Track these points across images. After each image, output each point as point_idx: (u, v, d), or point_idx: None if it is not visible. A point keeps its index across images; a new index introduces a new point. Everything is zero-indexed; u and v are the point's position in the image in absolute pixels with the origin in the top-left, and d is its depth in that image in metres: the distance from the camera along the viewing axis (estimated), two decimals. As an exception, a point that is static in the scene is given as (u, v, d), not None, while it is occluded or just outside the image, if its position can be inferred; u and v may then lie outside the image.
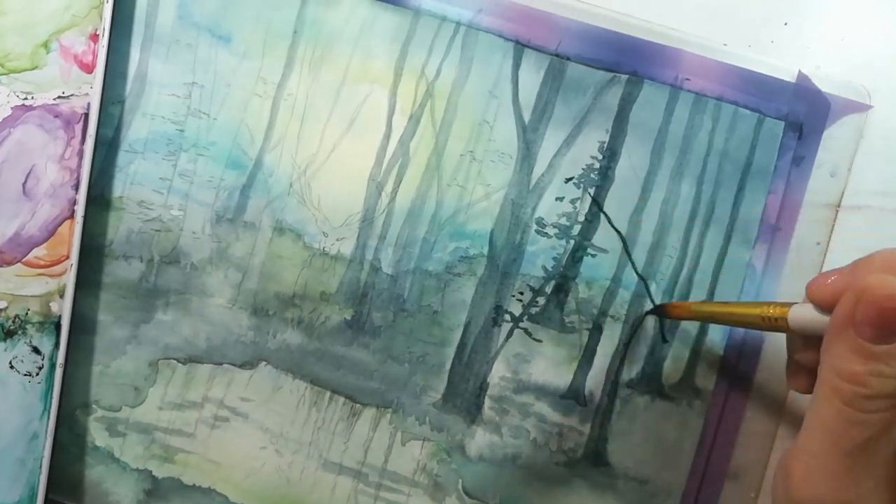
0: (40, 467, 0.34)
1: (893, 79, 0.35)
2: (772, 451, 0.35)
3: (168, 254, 0.35)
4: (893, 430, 0.22)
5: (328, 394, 0.35)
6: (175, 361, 0.35)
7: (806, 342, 0.29)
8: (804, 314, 0.26)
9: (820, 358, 0.24)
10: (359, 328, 0.35)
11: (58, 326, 0.34)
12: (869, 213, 0.35)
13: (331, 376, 0.35)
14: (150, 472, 0.36)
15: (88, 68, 0.34)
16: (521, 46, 0.35)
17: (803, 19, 0.35)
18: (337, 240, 0.35)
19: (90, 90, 0.34)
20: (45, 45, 0.33)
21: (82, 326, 0.35)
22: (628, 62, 0.35)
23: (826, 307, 0.25)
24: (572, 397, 0.35)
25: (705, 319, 0.33)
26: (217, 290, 0.35)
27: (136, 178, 0.35)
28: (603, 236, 0.35)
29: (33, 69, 0.33)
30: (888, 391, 0.22)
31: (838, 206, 0.35)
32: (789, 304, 0.27)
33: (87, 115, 0.34)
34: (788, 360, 0.31)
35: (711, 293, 0.35)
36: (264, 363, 0.35)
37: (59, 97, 0.34)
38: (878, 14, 0.35)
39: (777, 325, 0.27)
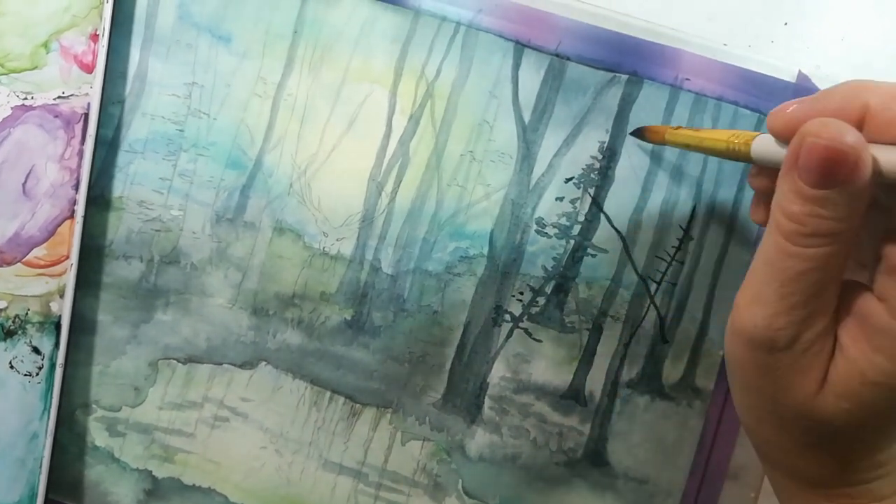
0: (40, 467, 0.34)
1: (894, 79, 0.35)
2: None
3: (168, 254, 0.35)
4: (829, 266, 0.22)
5: (328, 394, 0.35)
6: (175, 361, 0.35)
7: (767, 172, 0.28)
8: (766, 145, 0.25)
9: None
10: (359, 328, 0.35)
11: (58, 326, 0.34)
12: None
13: (331, 376, 0.35)
14: (150, 472, 0.36)
15: (88, 68, 0.34)
16: (521, 46, 0.35)
17: (803, 19, 0.35)
18: (337, 240, 0.35)
19: (90, 90, 0.34)
20: (45, 45, 0.33)
21: (82, 326, 0.35)
22: (628, 62, 0.35)
23: (782, 139, 0.24)
24: (572, 397, 0.35)
25: (678, 145, 0.33)
26: (217, 290, 0.35)
27: (136, 178, 0.35)
28: (603, 236, 0.35)
29: (33, 69, 0.34)
30: (823, 231, 0.22)
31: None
32: (755, 134, 0.27)
33: (86, 115, 0.34)
34: (754, 192, 0.31)
35: (711, 293, 0.35)
36: (264, 363, 0.35)
37: (59, 97, 0.34)
38: (878, 14, 0.35)
39: (741, 154, 0.27)
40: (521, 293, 0.35)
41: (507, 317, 0.35)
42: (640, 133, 0.34)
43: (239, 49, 0.35)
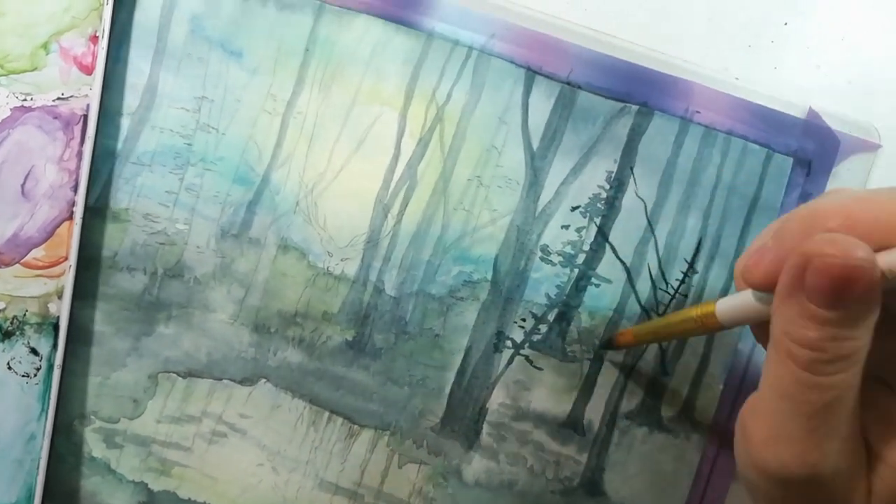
0: (37, 468, 0.34)
1: (894, 80, 0.35)
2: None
3: (172, 267, 0.35)
4: (853, 387, 0.21)
5: (327, 414, 0.35)
6: (175, 375, 0.35)
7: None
8: (732, 305, 0.25)
9: (772, 319, 0.22)
10: (360, 349, 0.35)
11: (56, 328, 0.34)
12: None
13: (330, 396, 0.35)
14: (146, 484, 0.36)
15: (88, 70, 0.34)
16: (532, 73, 0.35)
17: (803, 19, 0.35)
18: (341, 260, 0.35)
19: (90, 92, 0.34)
20: (45, 46, 0.33)
21: (83, 337, 0.35)
22: (639, 93, 0.34)
23: (765, 289, 0.23)
24: (571, 426, 0.35)
25: (649, 341, 0.33)
26: (219, 305, 0.35)
27: (142, 191, 0.35)
28: (607, 266, 0.35)
29: (33, 70, 0.33)
30: (846, 353, 0.21)
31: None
32: (714, 301, 0.26)
33: (86, 117, 0.34)
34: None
35: (713, 327, 0.35)
36: (264, 380, 0.35)
37: (59, 99, 0.34)
38: (878, 14, 0.35)
39: (710, 324, 0.26)
40: (524, 320, 0.35)
41: (509, 343, 0.35)
42: (608, 343, 0.34)
43: (250, 65, 0.35)
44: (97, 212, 0.35)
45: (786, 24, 0.35)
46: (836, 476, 0.22)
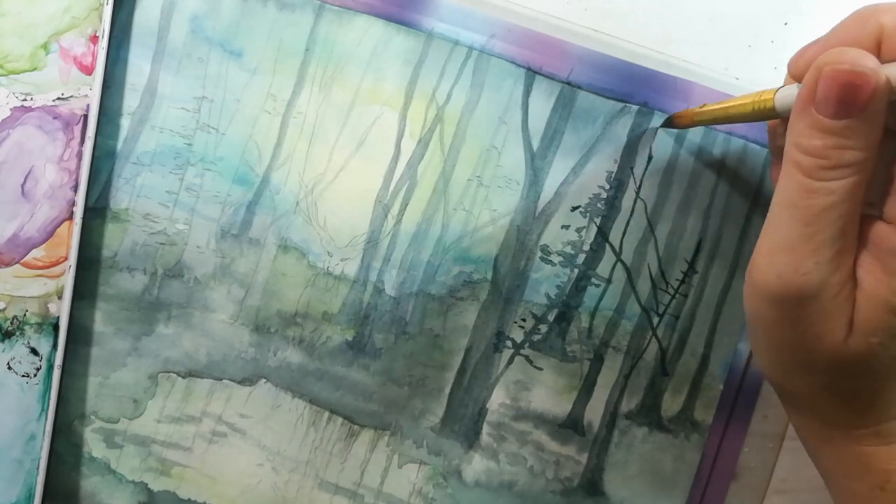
0: (37, 468, 0.34)
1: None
2: (768, 488, 0.35)
3: (172, 267, 0.35)
4: (852, 199, 0.22)
5: (327, 414, 0.35)
6: (175, 375, 0.35)
7: None
8: (789, 95, 0.25)
9: (787, 134, 0.23)
10: (360, 349, 0.35)
11: (56, 328, 0.34)
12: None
13: (330, 396, 0.35)
14: (146, 484, 0.36)
15: (88, 70, 0.34)
16: (532, 73, 0.35)
17: (803, 19, 0.35)
18: (341, 260, 0.35)
19: (90, 92, 0.34)
20: (45, 46, 0.33)
21: (83, 337, 0.35)
22: (639, 93, 0.34)
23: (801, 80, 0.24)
24: (571, 426, 0.35)
25: (707, 122, 0.32)
26: (219, 305, 0.35)
27: (142, 191, 0.35)
28: (607, 266, 0.35)
29: (33, 70, 0.33)
30: (847, 160, 0.22)
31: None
32: (774, 89, 0.26)
33: (86, 117, 0.34)
34: (774, 152, 0.31)
35: (714, 327, 0.35)
36: (264, 380, 0.35)
37: (59, 99, 0.34)
38: None
39: (767, 110, 0.27)
40: (524, 320, 0.35)
41: (509, 343, 0.35)
42: (669, 122, 0.34)
43: (250, 65, 0.35)
44: (97, 212, 0.35)
45: (786, 24, 0.35)
46: (825, 294, 0.22)
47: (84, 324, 0.35)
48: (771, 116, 0.27)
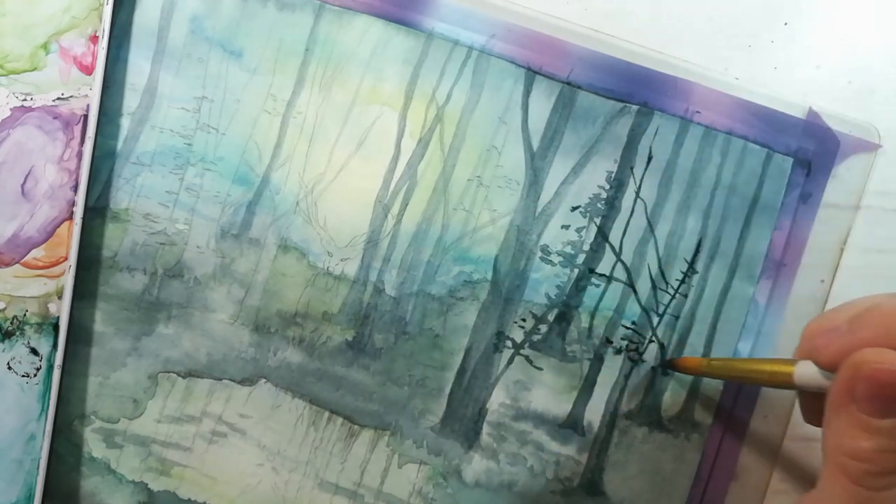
0: (37, 468, 0.34)
1: (894, 80, 0.35)
2: (768, 488, 0.35)
3: (172, 267, 0.35)
4: None
5: (327, 414, 0.35)
6: (175, 375, 0.35)
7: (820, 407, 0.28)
8: (809, 374, 0.26)
9: (822, 432, 0.23)
10: (360, 349, 0.35)
11: (56, 328, 0.34)
12: (875, 260, 0.35)
13: (330, 396, 0.35)
14: (146, 484, 0.36)
15: (88, 70, 0.34)
16: (532, 73, 0.35)
17: (803, 19, 0.35)
18: (341, 260, 0.35)
19: (90, 92, 0.34)
20: (45, 46, 0.33)
21: (83, 337, 0.35)
22: (639, 93, 0.34)
23: (828, 369, 0.25)
24: (571, 426, 0.35)
25: (713, 376, 0.33)
26: (219, 305, 0.35)
27: (142, 191, 0.35)
28: (607, 266, 0.35)
29: (33, 70, 0.33)
30: (894, 466, 0.21)
31: (844, 243, 0.35)
32: (794, 362, 0.27)
33: (86, 117, 0.34)
34: (800, 397, 0.31)
35: (713, 327, 0.35)
36: (264, 380, 0.35)
37: (59, 99, 0.34)
38: (878, 14, 0.35)
39: (784, 382, 0.27)
40: (524, 320, 0.35)
41: (509, 343, 0.35)
42: (670, 364, 0.35)
43: (250, 65, 0.35)
44: (97, 212, 0.35)
45: (786, 24, 0.35)
46: None
47: (84, 324, 0.35)
48: (787, 387, 0.27)
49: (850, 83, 0.35)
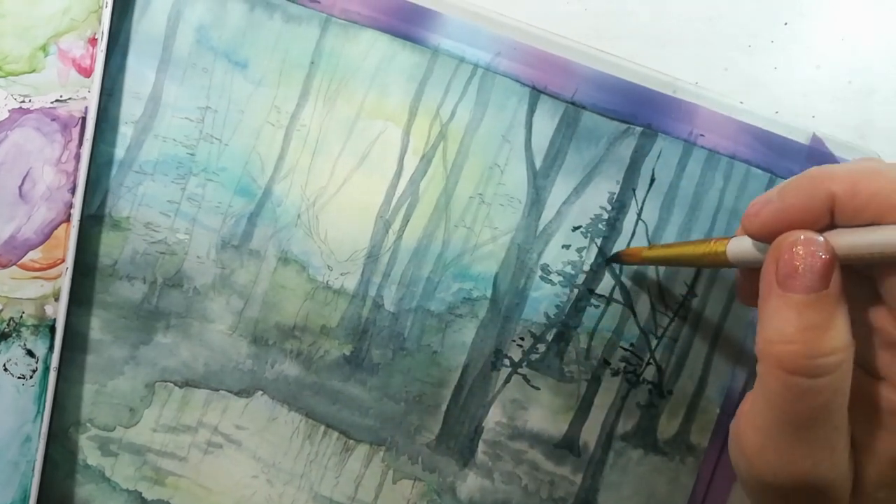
0: (33, 470, 0.34)
1: (894, 80, 0.35)
2: (762, 513, 0.35)
3: (171, 277, 0.35)
4: (841, 394, 0.21)
5: (322, 428, 0.35)
6: (172, 384, 0.35)
7: (753, 282, 0.27)
8: (742, 248, 0.25)
9: (757, 324, 0.23)
10: (357, 364, 0.35)
11: (52, 330, 0.34)
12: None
13: (326, 410, 0.35)
14: (140, 493, 0.36)
15: (87, 72, 0.34)
16: (536, 92, 0.34)
17: (803, 19, 0.35)
18: (341, 274, 0.35)
19: (88, 94, 0.34)
20: (44, 48, 0.33)
21: (81, 344, 0.35)
22: (644, 114, 0.34)
23: (759, 239, 0.24)
24: (566, 447, 0.35)
25: (656, 263, 0.33)
26: (218, 316, 0.35)
27: (144, 200, 0.35)
28: (607, 287, 0.35)
29: (31, 72, 0.33)
30: (827, 346, 0.21)
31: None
32: (727, 239, 0.27)
33: (84, 120, 0.34)
34: (738, 278, 0.31)
35: (711, 351, 0.35)
36: (261, 392, 0.35)
37: (57, 101, 0.34)
38: (878, 14, 0.35)
39: (720, 260, 0.27)
40: (522, 339, 0.35)
41: (507, 362, 0.35)
42: (616, 257, 0.34)
43: (255, 76, 0.35)
44: (98, 219, 0.35)
45: (786, 24, 0.35)
46: (828, 483, 0.22)
47: (82, 331, 0.35)
48: (723, 265, 0.27)
49: (850, 83, 0.35)
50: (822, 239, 0.22)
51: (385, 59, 0.34)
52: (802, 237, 0.22)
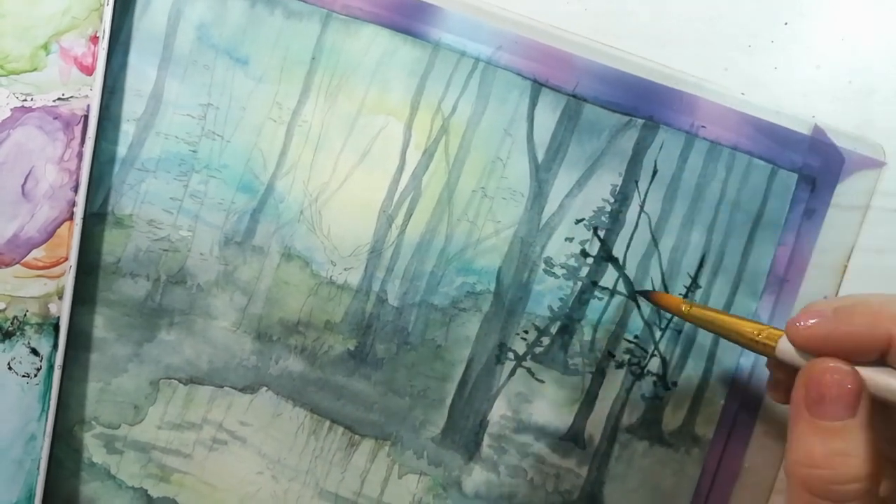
0: (38, 468, 0.34)
1: (894, 80, 0.35)
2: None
3: (175, 274, 0.35)
4: None
5: (327, 423, 0.35)
6: (176, 381, 0.35)
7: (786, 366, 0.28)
8: (790, 349, 0.26)
9: (786, 450, 0.24)
10: (361, 359, 0.35)
11: (56, 328, 0.34)
12: (885, 263, 0.35)
13: (331, 406, 0.35)
14: (146, 490, 0.36)
15: (88, 71, 0.34)
16: (538, 85, 0.34)
17: (803, 19, 0.35)
18: (344, 269, 0.35)
19: (90, 92, 0.34)
20: (45, 46, 0.33)
21: (85, 342, 0.35)
22: (645, 107, 0.34)
23: (800, 348, 0.25)
24: (572, 439, 0.35)
25: (692, 321, 0.32)
26: (222, 312, 0.35)
27: (146, 197, 0.35)
28: (610, 280, 0.35)
29: (33, 71, 0.33)
30: (852, 473, 0.22)
31: (847, 260, 0.35)
32: (780, 333, 0.27)
33: (86, 118, 0.34)
34: (772, 370, 0.31)
35: (715, 343, 0.35)
36: (265, 388, 0.35)
37: (59, 99, 0.34)
38: (878, 14, 0.35)
39: (766, 351, 0.27)
40: (526, 332, 0.35)
41: (511, 355, 0.35)
42: (648, 296, 0.34)
43: (256, 73, 0.35)
44: (101, 217, 0.35)
45: (786, 24, 0.35)
46: None
47: (86, 329, 0.35)
48: (766, 355, 0.28)
49: (850, 83, 0.35)
50: (852, 370, 0.22)
51: (386, 55, 0.34)
52: (832, 365, 0.22)
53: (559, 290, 0.35)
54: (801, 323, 0.25)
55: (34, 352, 0.34)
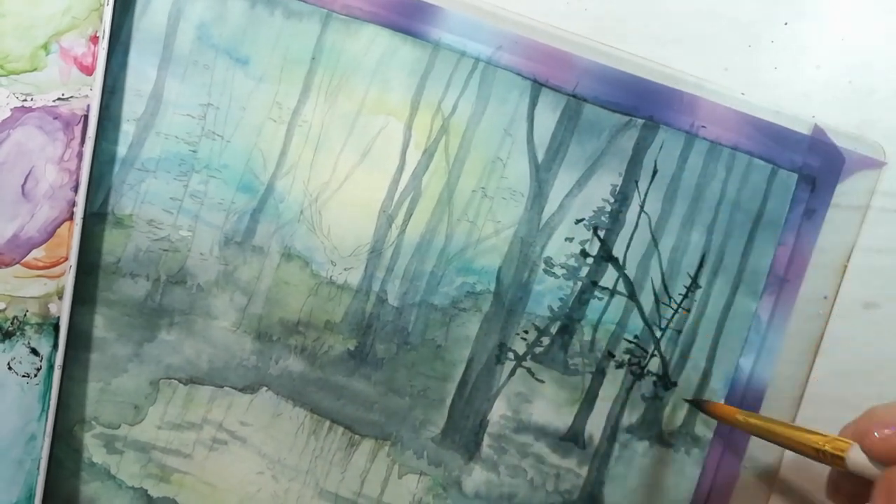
0: (38, 468, 0.34)
1: (894, 80, 0.35)
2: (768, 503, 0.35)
3: (175, 274, 0.35)
4: None
5: (327, 423, 0.35)
6: (176, 382, 0.35)
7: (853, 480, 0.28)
8: (862, 460, 0.26)
9: None
10: (361, 359, 0.35)
11: (56, 328, 0.34)
12: (885, 263, 0.35)
13: (331, 406, 0.35)
14: (146, 490, 0.36)
15: (88, 70, 0.34)
16: (538, 85, 0.35)
17: (803, 19, 0.35)
18: (344, 269, 0.35)
19: (90, 92, 0.34)
20: (45, 46, 0.33)
21: (85, 342, 0.35)
22: (645, 107, 0.34)
23: (878, 461, 0.25)
24: (572, 439, 0.35)
25: (750, 431, 0.33)
26: (222, 312, 0.35)
27: (146, 197, 0.35)
28: (610, 280, 0.35)
29: (33, 71, 0.33)
30: None
31: (847, 260, 0.35)
32: (848, 444, 0.27)
33: (86, 118, 0.34)
34: (832, 473, 0.31)
35: (716, 342, 0.35)
36: (265, 388, 0.35)
37: (59, 99, 0.34)
38: (878, 14, 0.35)
39: (834, 461, 0.27)
40: (526, 332, 0.35)
41: (511, 355, 0.35)
42: (699, 405, 0.34)
43: (256, 72, 0.35)
44: (101, 217, 0.35)
45: (786, 24, 0.35)
46: None
47: (86, 329, 0.35)
48: (834, 466, 0.27)
49: (850, 83, 0.35)
50: None
51: (386, 54, 0.34)
52: None
53: (559, 290, 0.35)
54: (878, 434, 0.25)
55: (34, 352, 0.34)
